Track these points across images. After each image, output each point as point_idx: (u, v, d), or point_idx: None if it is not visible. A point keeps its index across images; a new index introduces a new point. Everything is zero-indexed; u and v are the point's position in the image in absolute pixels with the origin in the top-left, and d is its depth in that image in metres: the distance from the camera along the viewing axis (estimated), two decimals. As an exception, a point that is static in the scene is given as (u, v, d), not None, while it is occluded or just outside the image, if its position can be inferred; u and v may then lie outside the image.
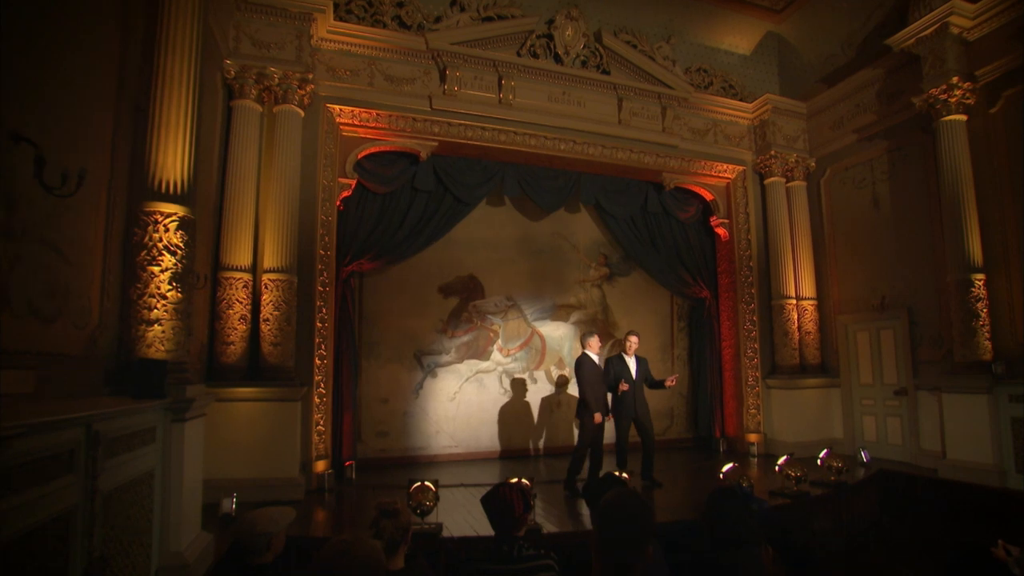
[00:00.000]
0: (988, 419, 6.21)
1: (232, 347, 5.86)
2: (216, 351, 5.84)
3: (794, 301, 8.40)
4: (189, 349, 3.72)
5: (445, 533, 4.68)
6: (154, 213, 3.39)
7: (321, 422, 6.55)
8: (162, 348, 3.38)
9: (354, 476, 6.91)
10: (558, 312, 8.83)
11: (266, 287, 6.06)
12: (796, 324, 8.36)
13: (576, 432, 6.91)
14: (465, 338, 8.33)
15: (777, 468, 5.92)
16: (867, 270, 7.99)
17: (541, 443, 8.51)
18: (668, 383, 6.54)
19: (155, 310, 3.37)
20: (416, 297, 8.16)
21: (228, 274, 5.91)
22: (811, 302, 8.47)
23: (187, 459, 3.42)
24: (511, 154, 7.75)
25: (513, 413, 8.42)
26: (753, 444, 8.09)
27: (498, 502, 2.43)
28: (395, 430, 7.94)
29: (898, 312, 7.53)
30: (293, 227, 6.24)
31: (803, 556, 1.88)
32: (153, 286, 3.38)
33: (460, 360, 8.27)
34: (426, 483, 4.83)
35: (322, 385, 6.59)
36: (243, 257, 5.98)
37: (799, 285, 8.46)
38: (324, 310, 6.67)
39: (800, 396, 8.13)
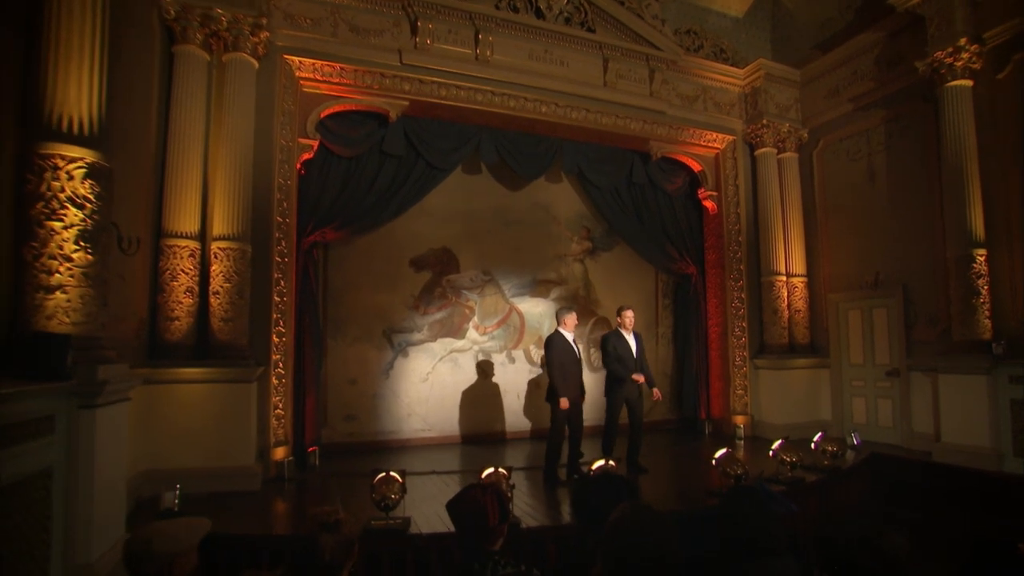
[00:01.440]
0: (986, 401, 5.92)
1: (177, 323, 5.26)
2: (159, 327, 5.24)
3: (784, 278, 8.04)
4: (104, 323, 3.14)
5: (413, 529, 4.21)
6: (52, 157, 2.78)
7: (280, 405, 6.02)
8: (67, 320, 2.81)
9: (318, 463, 6.44)
10: (538, 288, 8.35)
11: (216, 256, 5.46)
12: (786, 302, 8.01)
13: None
14: (439, 315, 7.81)
15: (771, 453, 5.57)
16: (861, 246, 7.64)
17: (520, 426, 8.08)
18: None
19: (57, 275, 2.78)
20: (386, 271, 7.61)
21: (172, 242, 5.29)
22: (801, 279, 8.12)
23: (101, 452, 2.88)
24: (488, 116, 7.17)
25: (490, 395, 7.96)
26: (740, 426, 7.76)
27: (468, 509, 1.94)
28: (364, 413, 7.43)
29: (892, 290, 7.21)
30: (246, 190, 5.64)
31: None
32: (54, 246, 2.79)
33: (433, 338, 7.77)
34: (391, 473, 4.35)
35: (281, 365, 6.04)
36: (190, 223, 5.36)
37: (789, 261, 8.10)
38: (283, 283, 6.09)
39: (789, 377, 7.81)
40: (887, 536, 1.49)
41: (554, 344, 5.70)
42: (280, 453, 5.92)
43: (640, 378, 5.80)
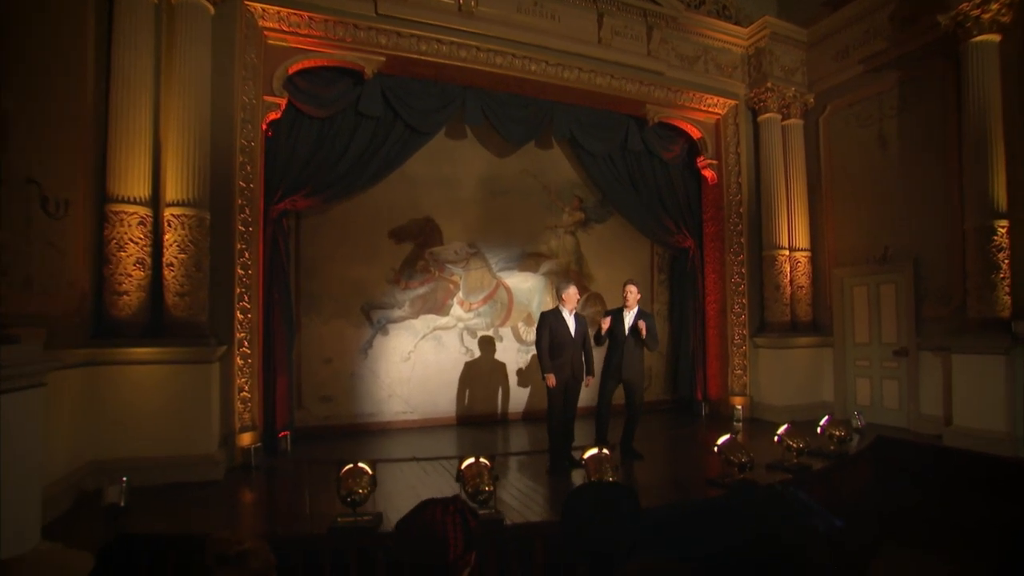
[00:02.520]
0: (1003, 383, 5.55)
1: (126, 298, 4.74)
2: (106, 303, 4.72)
3: (787, 252, 7.60)
4: (3, 295, 2.64)
5: (386, 526, 3.77)
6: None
7: (246, 387, 5.56)
8: (-53, 292, 2.30)
9: (290, 448, 6.01)
10: (527, 261, 7.87)
11: (170, 225, 4.93)
12: (788, 277, 7.58)
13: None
14: (421, 290, 7.32)
15: (776, 438, 5.18)
16: (869, 218, 7.20)
17: (515, 407, 7.66)
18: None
19: (-68, 237, 2.27)
20: (364, 242, 7.09)
21: (119, 207, 4.74)
22: (805, 253, 7.69)
23: (4, 448, 2.39)
24: (473, 75, 6.60)
25: (476, 374, 7.53)
26: (738, 408, 7.38)
27: (423, 534, 1.48)
28: (341, 395, 6.98)
29: (902, 264, 6.79)
30: (203, 152, 5.10)
31: None
32: (-75, 201, 2.27)
33: (415, 315, 7.29)
34: (360, 465, 3.91)
35: (246, 344, 5.57)
36: (139, 187, 4.81)
37: (792, 234, 7.65)
38: (247, 254, 5.58)
39: (790, 356, 7.42)
40: None
41: (544, 320, 5.31)
42: (247, 439, 5.49)
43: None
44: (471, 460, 4.03)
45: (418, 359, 7.28)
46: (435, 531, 1.47)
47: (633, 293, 5.58)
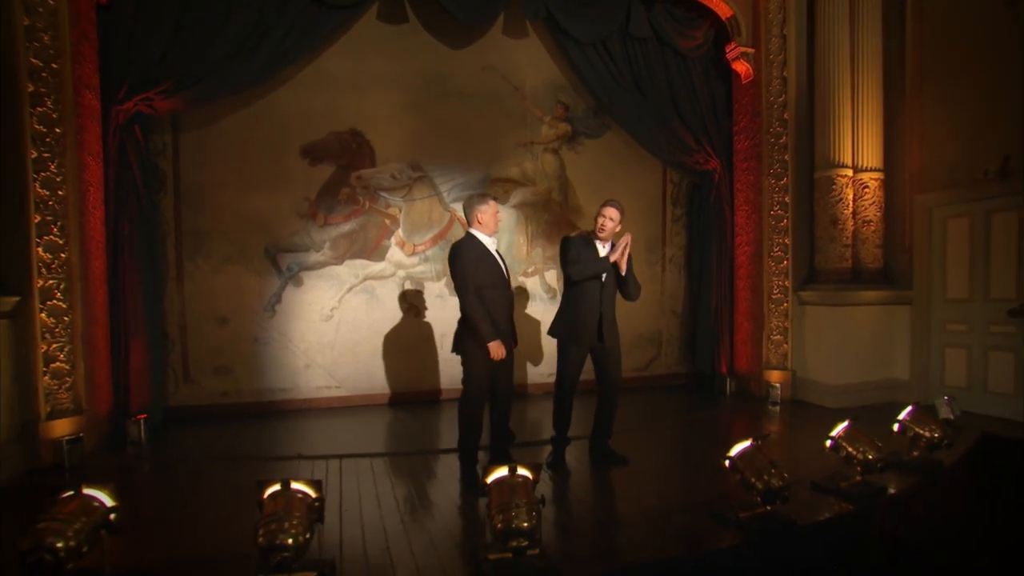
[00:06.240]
0: None
1: None
2: None
3: (849, 173, 5.46)
4: None
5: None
6: None
7: (62, 355, 3.99)
8: None
9: (143, 437, 4.41)
10: (492, 189, 5.96)
11: None
12: (851, 208, 5.47)
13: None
14: (346, 227, 5.55)
15: (829, 443, 3.26)
16: (979, 117, 4.99)
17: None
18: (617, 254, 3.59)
19: None
20: (267, 163, 5.36)
21: None
22: (875, 175, 5.53)
23: None
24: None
25: (421, 338, 5.78)
26: (775, 386, 5.42)
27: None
28: (241, 364, 5.37)
29: (1027, 182, 4.62)
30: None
31: None
32: None
33: (339, 260, 5.55)
34: (86, 492, 2.25)
35: (59, 294, 3.96)
36: None
37: (859, 148, 5.49)
38: (54, 167, 3.88)
39: (850, 316, 5.35)
40: None
41: (464, 252, 3.35)
42: (62, 428, 3.96)
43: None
44: (276, 487, 2.28)
45: (344, 318, 5.56)
46: None
47: (614, 220, 3.66)
